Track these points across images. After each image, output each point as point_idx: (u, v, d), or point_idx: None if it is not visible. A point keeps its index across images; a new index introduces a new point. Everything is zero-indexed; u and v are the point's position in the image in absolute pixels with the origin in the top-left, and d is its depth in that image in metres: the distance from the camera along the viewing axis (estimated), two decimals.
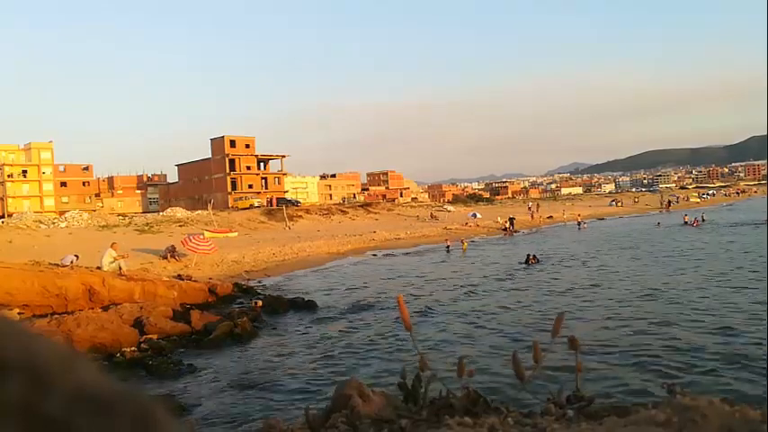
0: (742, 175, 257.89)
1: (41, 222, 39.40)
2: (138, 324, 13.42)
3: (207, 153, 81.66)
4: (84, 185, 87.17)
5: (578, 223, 49.96)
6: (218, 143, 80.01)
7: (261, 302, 16.77)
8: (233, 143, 79.47)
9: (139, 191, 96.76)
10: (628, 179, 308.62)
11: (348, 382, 2.05)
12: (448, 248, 34.52)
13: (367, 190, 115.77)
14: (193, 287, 18.13)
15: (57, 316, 13.51)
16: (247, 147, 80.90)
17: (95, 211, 66.49)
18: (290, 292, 19.88)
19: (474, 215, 55.56)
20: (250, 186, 78.53)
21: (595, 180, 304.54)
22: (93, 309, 14.35)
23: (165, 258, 26.60)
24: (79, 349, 10.85)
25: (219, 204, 67.27)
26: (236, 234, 35.20)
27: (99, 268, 18.21)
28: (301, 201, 75.67)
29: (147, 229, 39.29)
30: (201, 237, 28.28)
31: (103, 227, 38.72)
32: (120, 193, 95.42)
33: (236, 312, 15.35)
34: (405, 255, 32.15)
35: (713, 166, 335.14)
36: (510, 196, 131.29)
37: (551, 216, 61.07)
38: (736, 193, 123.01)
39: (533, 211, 63.19)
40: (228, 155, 78.15)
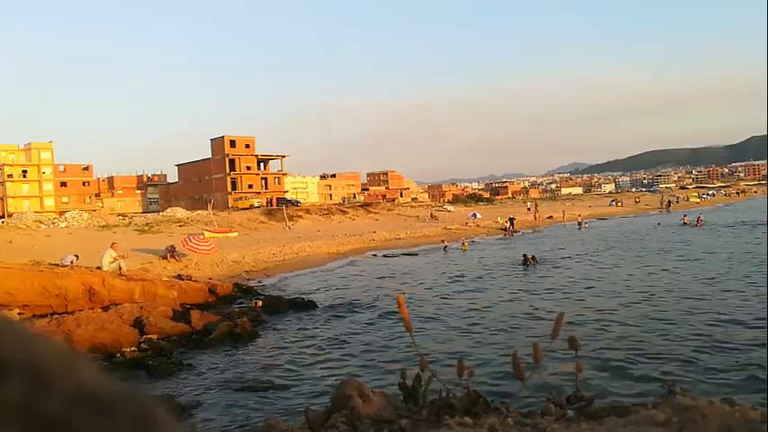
0: (742, 175, 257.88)
1: (41, 222, 39.40)
2: (138, 324, 13.42)
3: (207, 153, 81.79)
4: (84, 185, 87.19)
5: (579, 223, 49.98)
6: (218, 143, 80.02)
7: (261, 302, 16.77)
8: (233, 143, 79.48)
9: (139, 191, 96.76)
10: (628, 179, 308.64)
11: (348, 382, 2.05)
12: (445, 248, 34.62)
13: (367, 190, 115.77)
14: (193, 287, 18.14)
15: (57, 316, 13.51)
16: (247, 147, 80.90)
17: (95, 211, 66.49)
18: (290, 292, 19.88)
19: (474, 215, 55.55)
20: (250, 186, 78.53)
21: (595, 180, 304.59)
22: (93, 309, 14.35)
23: (165, 258, 26.59)
24: (79, 349, 10.85)
25: (219, 204, 67.27)
26: (236, 234, 35.19)
27: (99, 268, 18.21)
28: (301, 201, 75.67)
29: (147, 229, 39.29)
30: (201, 237, 28.27)
31: (103, 227, 38.72)
32: (120, 193, 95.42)
33: (236, 312, 15.35)
34: (405, 255, 32.13)
35: (713, 166, 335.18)
36: (510, 196, 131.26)
37: (551, 216, 61.07)
38: (737, 194, 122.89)
39: (534, 211, 63.16)
40: (228, 155, 78.16)
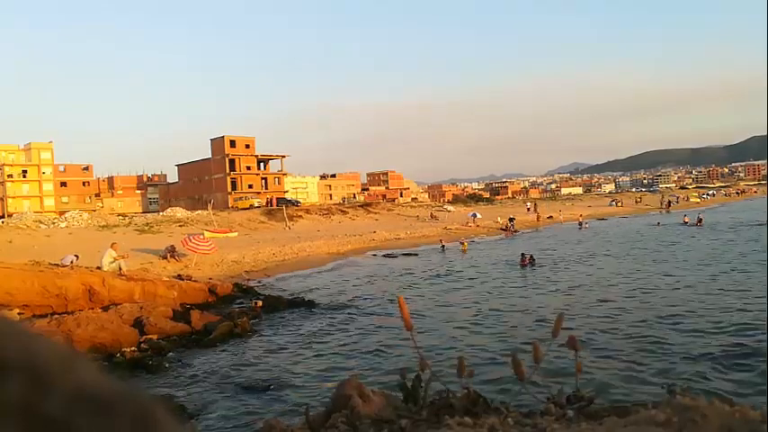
0: (742, 175, 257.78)
1: (41, 222, 39.39)
2: (138, 324, 13.42)
3: (207, 153, 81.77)
4: (84, 185, 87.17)
5: (579, 223, 49.99)
6: (218, 143, 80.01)
7: (261, 302, 16.77)
8: (233, 143, 79.46)
9: (139, 191, 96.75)
10: (628, 179, 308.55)
11: (348, 382, 2.05)
12: (443, 248, 34.65)
13: (367, 190, 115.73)
14: (193, 287, 18.13)
15: (57, 316, 13.51)
16: (247, 147, 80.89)
17: (95, 211, 66.48)
18: (290, 292, 19.87)
19: (474, 215, 55.56)
20: (250, 186, 78.52)
21: (595, 180, 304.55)
22: (93, 309, 14.35)
23: (165, 258, 26.59)
24: (79, 349, 10.85)
25: (219, 204, 67.26)
26: (236, 234, 35.18)
27: (99, 268, 18.21)
28: (301, 201, 75.63)
29: (147, 229, 39.29)
30: (201, 237, 28.27)
31: (103, 227, 38.71)
32: (120, 193, 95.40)
33: (236, 312, 15.36)
34: (405, 255, 32.12)
35: (713, 166, 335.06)
36: (510, 196, 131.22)
37: (551, 216, 61.10)
38: (737, 193, 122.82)
39: (536, 211, 63.14)
40: (228, 155, 78.15)
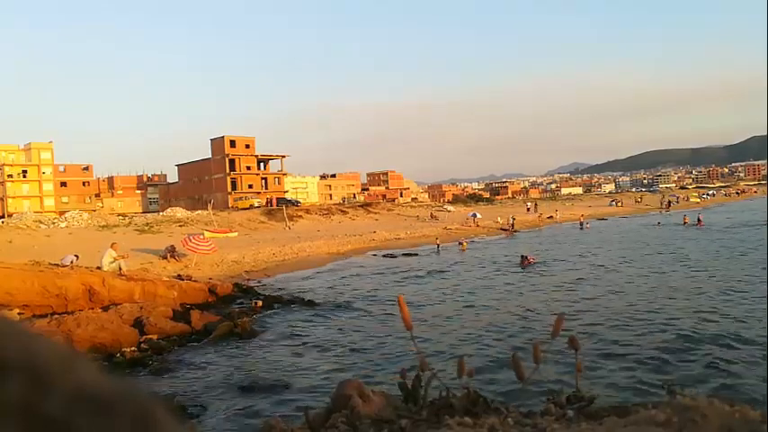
0: (742, 175, 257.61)
1: (41, 222, 39.39)
2: (138, 324, 13.42)
3: (207, 153, 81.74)
4: (84, 185, 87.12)
5: (580, 223, 50.01)
6: (218, 143, 80.00)
7: (261, 302, 16.78)
8: (233, 143, 79.45)
9: (139, 191, 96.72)
10: (628, 179, 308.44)
11: (348, 382, 2.05)
12: (438, 248, 34.69)
13: (367, 190, 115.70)
14: (193, 287, 18.13)
15: (57, 316, 13.51)
16: (247, 147, 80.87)
17: (95, 211, 66.47)
18: (290, 292, 19.88)
19: (474, 215, 55.58)
20: (250, 186, 78.50)
21: (595, 180, 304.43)
22: (93, 309, 14.34)
23: (165, 258, 26.59)
24: (79, 349, 10.85)
25: (219, 204, 67.25)
26: (236, 234, 35.17)
27: (99, 268, 18.21)
28: (301, 201, 75.61)
29: (147, 229, 39.29)
30: (201, 237, 28.27)
31: (103, 227, 38.71)
32: (120, 193, 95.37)
33: (236, 312, 15.35)
34: (405, 255, 32.12)
35: (713, 166, 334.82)
36: (510, 196, 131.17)
37: (551, 216, 61.12)
38: (737, 193, 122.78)
39: (538, 212, 63.15)
40: (228, 155, 78.14)
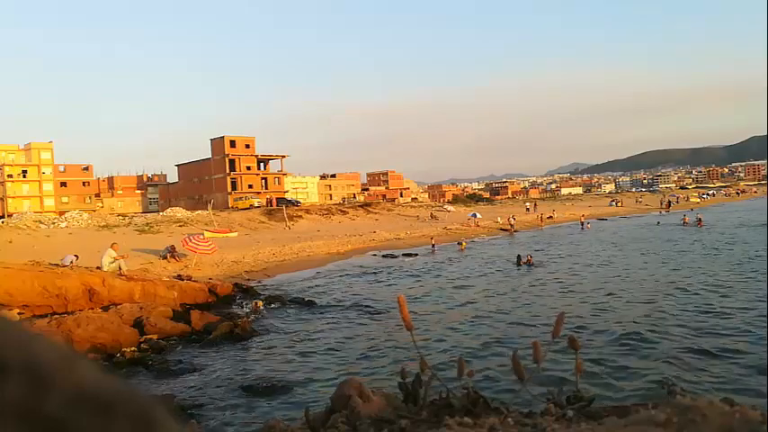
0: (742, 175, 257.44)
1: (41, 222, 39.38)
2: (138, 324, 13.42)
3: (207, 153, 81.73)
4: (84, 185, 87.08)
5: (581, 223, 50.03)
6: (218, 143, 79.99)
7: (261, 302, 16.78)
8: (233, 143, 79.44)
9: (139, 191, 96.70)
10: (628, 179, 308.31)
11: (348, 382, 2.05)
12: (433, 247, 34.71)
13: (367, 190, 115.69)
14: (193, 287, 18.13)
15: (57, 316, 13.51)
16: (247, 147, 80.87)
17: (95, 211, 66.48)
18: (290, 291, 19.89)
19: (474, 215, 55.58)
20: (250, 186, 78.49)
21: (595, 180, 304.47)
22: (93, 309, 14.35)
23: (165, 258, 26.60)
24: (79, 349, 10.85)
25: (219, 204, 67.25)
26: (236, 234, 35.19)
27: (99, 268, 18.22)
28: (301, 201, 75.61)
29: (147, 229, 39.28)
30: (201, 237, 28.27)
31: (103, 227, 38.71)
32: (120, 193, 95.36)
33: (236, 312, 15.36)
34: (405, 255, 32.12)
35: (713, 166, 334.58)
36: (510, 196, 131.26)
37: (551, 216, 61.13)
38: (737, 194, 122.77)
39: (540, 212, 63.13)
40: (228, 155, 78.14)
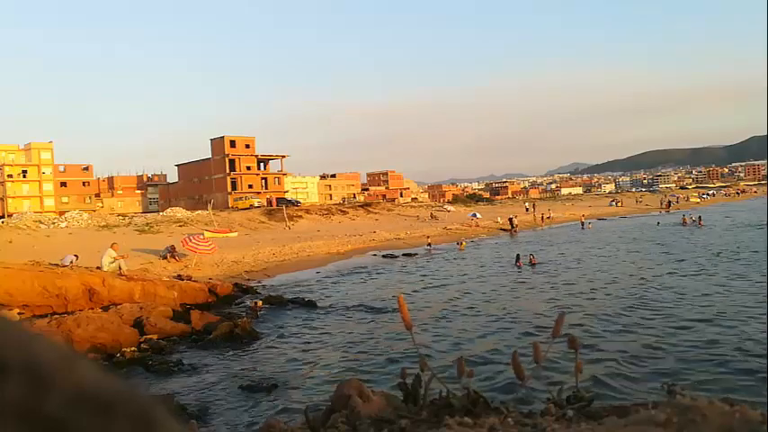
0: (742, 175, 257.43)
1: (41, 222, 39.37)
2: (138, 324, 13.42)
3: (207, 153, 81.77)
4: (84, 185, 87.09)
5: (582, 223, 50.05)
6: (218, 143, 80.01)
7: (261, 302, 16.78)
8: (233, 143, 79.45)
9: (139, 191, 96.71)
10: (628, 179, 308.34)
11: (348, 382, 2.05)
12: (429, 246, 34.70)
13: (367, 190, 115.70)
14: (193, 287, 18.14)
15: (57, 316, 13.51)
16: (247, 147, 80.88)
17: (95, 211, 66.48)
18: (290, 291, 19.89)
19: (474, 215, 55.59)
20: (250, 186, 78.50)
21: (595, 180, 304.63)
22: (93, 309, 14.35)
23: (165, 258, 26.60)
24: (79, 349, 10.85)
25: (219, 204, 67.25)
26: (236, 234, 35.19)
27: (99, 268, 18.22)
28: (301, 201, 75.59)
29: (147, 229, 39.28)
30: (201, 237, 28.28)
31: (103, 227, 38.70)
32: (120, 193, 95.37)
33: (236, 312, 15.36)
34: (405, 255, 32.13)
35: (713, 166, 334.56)
36: (510, 196, 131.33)
37: (551, 216, 61.14)
38: (737, 194, 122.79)
39: (542, 212, 63.16)
40: (228, 155, 78.15)
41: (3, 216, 55.48)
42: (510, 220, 49.74)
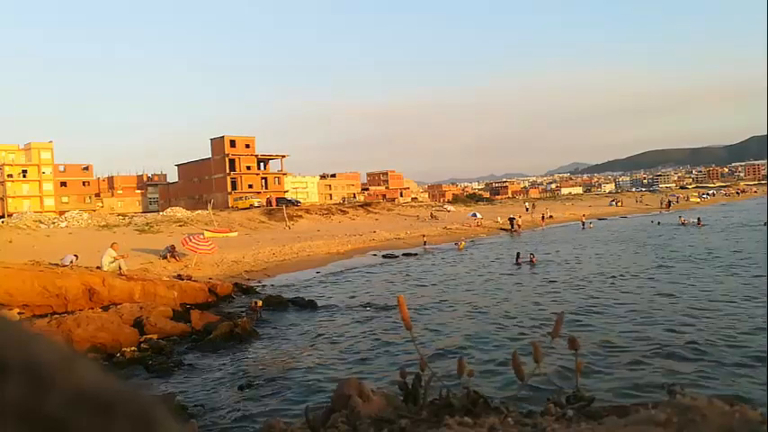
0: (742, 175, 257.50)
1: (41, 222, 39.37)
2: (138, 324, 13.42)
3: (207, 153, 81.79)
4: (84, 185, 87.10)
5: (583, 223, 50.06)
6: (218, 143, 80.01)
7: (261, 302, 16.77)
8: (233, 143, 79.47)
9: (139, 191, 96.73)
10: (628, 179, 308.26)
11: (348, 381, 2.05)
12: (425, 244, 34.70)
13: (367, 190, 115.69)
14: (193, 287, 18.14)
15: (57, 316, 13.51)
16: (247, 147, 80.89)
17: (95, 210, 66.48)
18: (290, 291, 19.89)
19: (474, 215, 55.59)
20: (250, 186, 78.51)
21: (595, 180, 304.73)
22: (93, 309, 14.35)
23: (165, 258, 26.60)
24: (79, 349, 10.85)
25: (219, 204, 67.24)
26: (236, 234, 35.20)
27: (99, 268, 18.22)
28: (301, 201, 75.57)
29: (147, 229, 39.27)
30: (201, 237, 28.28)
31: (103, 227, 38.69)
32: (120, 193, 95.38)
33: (236, 312, 15.36)
34: (405, 255, 32.13)
35: (713, 166, 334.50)
36: (510, 196, 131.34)
37: (551, 216, 61.15)
38: (737, 193, 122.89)
39: (541, 212, 63.16)
40: (228, 155, 78.15)
41: (3, 216, 55.48)
42: (511, 219, 49.76)
